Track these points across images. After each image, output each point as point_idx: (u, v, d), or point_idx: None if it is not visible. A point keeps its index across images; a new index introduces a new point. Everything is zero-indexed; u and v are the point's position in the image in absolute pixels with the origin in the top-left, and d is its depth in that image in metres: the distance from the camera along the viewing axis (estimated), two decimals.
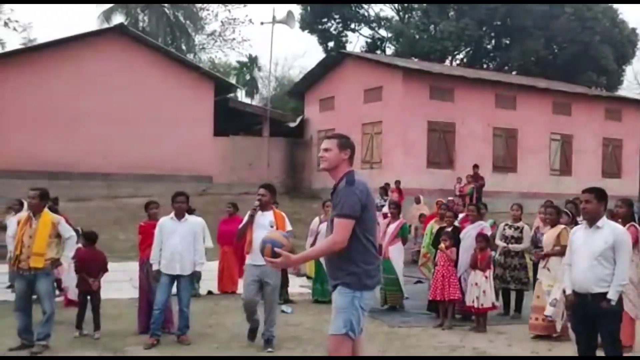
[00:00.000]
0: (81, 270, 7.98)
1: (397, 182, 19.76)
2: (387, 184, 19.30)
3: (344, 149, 4.58)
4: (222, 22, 43.35)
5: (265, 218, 7.54)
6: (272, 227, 7.05)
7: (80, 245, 8.45)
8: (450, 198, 16.86)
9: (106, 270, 8.18)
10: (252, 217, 7.36)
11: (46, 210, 7.52)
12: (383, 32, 40.12)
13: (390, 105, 23.32)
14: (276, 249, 4.36)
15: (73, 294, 9.19)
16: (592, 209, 5.43)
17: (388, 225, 10.33)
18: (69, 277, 9.00)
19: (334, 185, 4.54)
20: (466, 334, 8.49)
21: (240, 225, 7.55)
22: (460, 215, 10.89)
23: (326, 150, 4.61)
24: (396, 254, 10.20)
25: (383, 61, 25.99)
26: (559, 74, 32.44)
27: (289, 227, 7.49)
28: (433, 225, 10.39)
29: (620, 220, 7.06)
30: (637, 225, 7.30)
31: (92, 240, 8.23)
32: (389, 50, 39.60)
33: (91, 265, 8.00)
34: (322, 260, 10.16)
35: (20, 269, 7.27)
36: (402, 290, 10.23)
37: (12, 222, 10.32)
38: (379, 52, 38.63)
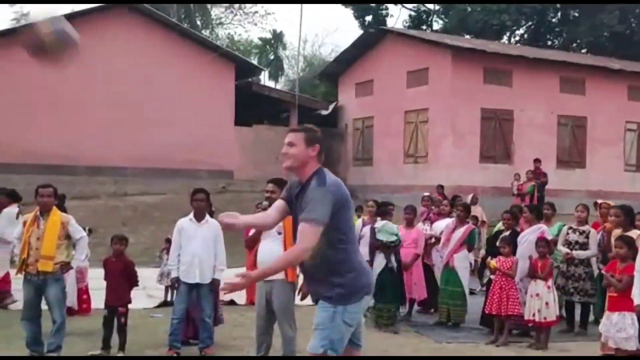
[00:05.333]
0: (111, 283, 8.13)
1: (440, 187, 18.86)
2: (441, 186, 18.86)
3: (312, 144, 4.64)
4: None
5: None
6: (280, 233, 6.76)
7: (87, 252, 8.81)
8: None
9: (136, 283, 8.33)
10: None
11: (55, 209, 7.91)
12: (430, 5, 40.20)
13: (438, 90, 23.43)
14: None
15: (70, 301, 9.62)
16: None
17: (454, 230, 10.59)
18: (68, 282, 9.43)
19: (301, 185, 4.64)
20: (523, 351, 8.74)
21: (251, 232, 7.42)
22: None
23: (290, 144, 4.63)
24: (462, 263, 10.47)
25: (429, 39, 26.08)
26: (637, 52, 32.18)
27: None
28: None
29: None
30: None
31: (124, 246, 8.31)
32: (437, 25, 39.64)
33: (121, 278, 8.11)
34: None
35: (28, 274, 7.64)
36: (467, 304, 10.46)
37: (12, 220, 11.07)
38: (424, 27, 38.69)
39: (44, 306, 7.77)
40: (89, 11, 24.98)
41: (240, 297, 11.87)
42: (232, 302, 11.61)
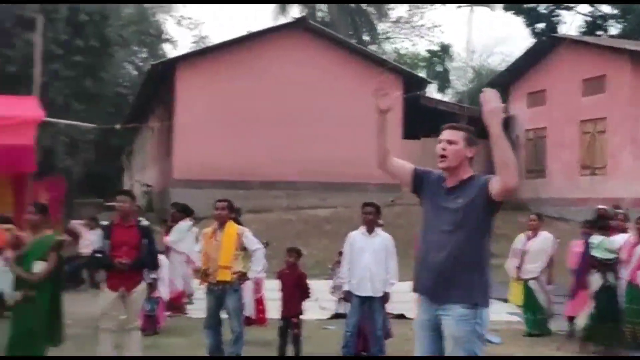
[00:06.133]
0: (285, 295, 8.34)
1: (616, 208, 16.49)
2: (604, 209, 16.59)
3: (471, 146, 4.39)
4: (409, 6, 44.03)
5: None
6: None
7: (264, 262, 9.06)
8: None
9: (308, 295, 8.52)
10: None
11: (230, 222, 8.26)
12: (606, 9, 38.46)
13: (616, 98, 22.46)
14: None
15: (248, 311, 9.94)
16: None
17: (634, 245, 10.02)
18: (245, 292, 9.76)
19: (457, 181, 4.39)
20: None
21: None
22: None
23: (450, 142, 4.37)
24: None
25: (606, 45, 24.99)
26: None
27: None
28: None
29: None
30: None
31: (294, 258, 8.51)
32: (614, 30, 37.86)
33: (295, 290, 8.32)
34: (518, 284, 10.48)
35: (210, 284, 8.04)
36: None
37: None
38: (600, 33, 37.05)
39: (224, 315, 8.10)
40: (264, 32, 25.99)
41: (410, 311, 11.82)
42: (402, 316, 11.57)
